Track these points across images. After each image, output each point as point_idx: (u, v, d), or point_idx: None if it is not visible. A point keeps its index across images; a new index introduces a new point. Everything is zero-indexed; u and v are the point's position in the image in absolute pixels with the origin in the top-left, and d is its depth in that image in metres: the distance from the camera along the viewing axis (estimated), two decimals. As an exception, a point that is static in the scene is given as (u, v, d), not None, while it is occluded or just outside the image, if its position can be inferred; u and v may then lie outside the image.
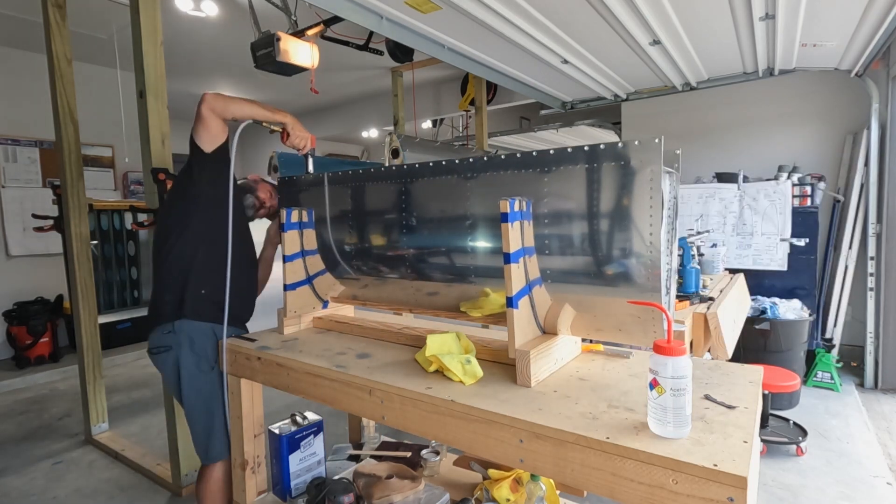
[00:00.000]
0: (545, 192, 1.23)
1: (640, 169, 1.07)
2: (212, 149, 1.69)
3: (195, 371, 1.71)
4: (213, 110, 1.64)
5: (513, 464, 1.04)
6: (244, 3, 3.60)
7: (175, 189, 1.85)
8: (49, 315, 4.64)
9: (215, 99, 1.64)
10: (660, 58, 3.62)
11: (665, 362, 0.91)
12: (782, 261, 4.00)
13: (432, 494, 1.76)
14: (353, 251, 1.72)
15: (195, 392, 1.72)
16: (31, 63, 4.76)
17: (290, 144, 1.86)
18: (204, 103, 1.62)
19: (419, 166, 1.48)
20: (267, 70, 3.05)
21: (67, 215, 2.94)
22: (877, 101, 3.72)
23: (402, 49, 4.39)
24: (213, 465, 1.77)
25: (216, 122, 1.66)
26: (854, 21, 2.95)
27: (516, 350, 1.19)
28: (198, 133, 1.67)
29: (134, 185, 5.75)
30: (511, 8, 2.75)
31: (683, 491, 0.83)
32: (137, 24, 2.28)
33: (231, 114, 1.68)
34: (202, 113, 1.63)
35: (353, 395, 1.32)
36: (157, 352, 1.72)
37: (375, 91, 6.51)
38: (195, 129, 1.67)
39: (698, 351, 2.02)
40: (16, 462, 2.85)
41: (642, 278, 1.11)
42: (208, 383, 1.74)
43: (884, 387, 3.68)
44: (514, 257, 1.18)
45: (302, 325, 1.86)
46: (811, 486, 2.42)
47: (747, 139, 4.58)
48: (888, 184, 3.69)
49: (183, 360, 1.70)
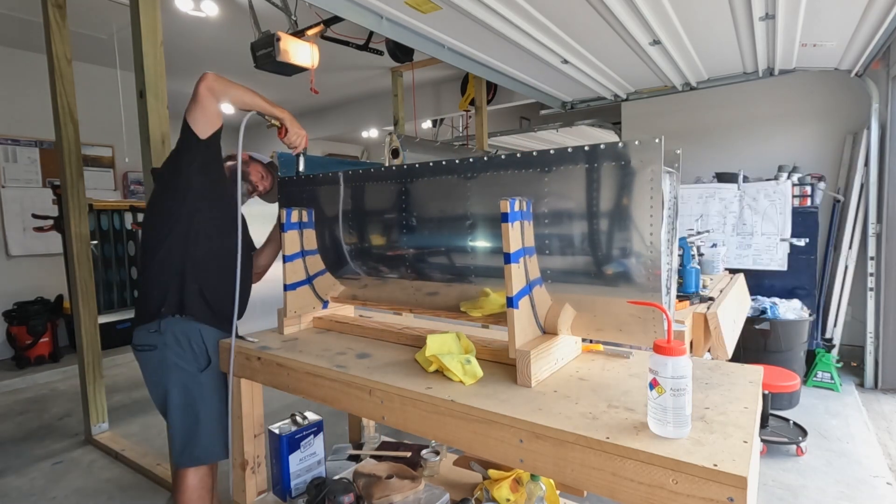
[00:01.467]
0: (545, 192, 1.23)
1: (640, 169, 1.07)
2: (206, 135, 1.60)
3: (180, 371, 1.64)
4: (211, 91, 1.55)
5: (513, 464, 1.04)
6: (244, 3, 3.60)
7: (162, 181, 1.71)
8: (49, 315, 4.64)
9: (216, 80, 1.55)
10: (660, 58, 3.62)
11: (665, 362, 0.91)
12: (782, 261, 4.00)
13: (432, 494, 1.76)
14: (353, 251, 1.72)
15: (180, 392, 1.65)
16: (31, 63, 4.76)
17: (287, 141, 1.79)
18: (203, 82, 1.53)
19: (420, 166, 1.47)
20: (267, 70, 3.05)
21: (67, 215, 2.94)
22: (877, 101, 3.72)
23: (402, 49, 4.39)
24: (187, 470, 1.67)
25: (214, 104, 1.57)
26: (854, 21, 2.95)
27: (517, 350, 1.19)
28: (192, 114, 1.57)
29: (134, 185, 5.75)
30: (511, 8, 2.75)
31: (683, 491, 0.83)
32: (137, 24, 2.28)
33: (230, 98, 1.60)
34: (200, 92, 1.53)
35: (353, 395, 1.32)
36: (141, 349, 1.66)
37: (375, 91, 6.51)
38: (190, 109, 1.57)
39: (698, 351, 2.02)
40: (16, 462, 2.85)
41: (643, 278, 1.11)
42: (195, 384, 1.66)
43: (884, 387, 3.68)
44: (514, 257, 1.18)
45: (302, 325, 1.85)
46: (811, 486, 2.42)
47: (747, 139, 4.58)
48: (888, 184, 3.69)
49: (168, 360, 1.63)
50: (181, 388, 1.65)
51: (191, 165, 1.63)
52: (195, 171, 1.63)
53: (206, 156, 1.64)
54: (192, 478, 1.68)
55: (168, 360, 1.64)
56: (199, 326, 1.68)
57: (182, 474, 1.68)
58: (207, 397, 1.69)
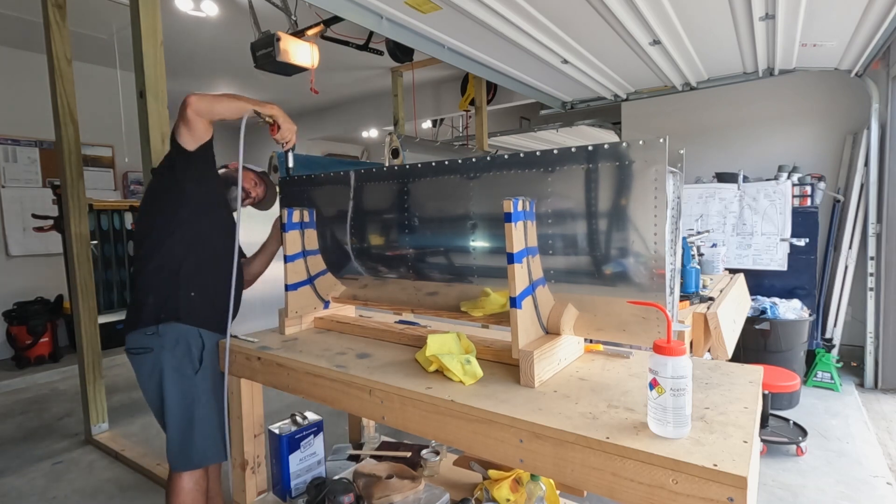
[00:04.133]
0: (548, 192, 1.23)
1: (644, 169, 1.07)
2: (195, 147, 1.63)
3: (177, 374, 1.64)
4: (198, 113, 1.57)
5: (513, 464, 1.04)
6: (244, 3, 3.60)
7: (156, 187, 1.72)
8: (49, 315, 4.63)
9: (200, 100, 1.57)
10: (660, 58, 3.62)
11: (665, 362, 0.91)
12: (782, 261, 3.99)
13: (432, 494, 1.76)
14: (354, 251, 1.72)
15: (176, 395, 1.64)
16: (31, 63, 4.77)
17: (280, 137, 1.77)
18: (188, 107, 1.55)
19: (423, 166, 1.47)
20: (267, 70, 3.05)
21: (67, 215, 2.94)
22: (877, 101, 3.72)
23: (402, 49, 4.38)
24: (181, 475, 1.66)
25: (202, 124, 1.60)
26: (854, 21, 2.95)
27: (520, 350, 1.19)
28: (181, 135, 1.60)
29: (134, 185, 5.75)
30: (511, 8, 2.75)
31: (683, 491, 0.83)
32: (137, 24, 2.28)
33: (218, 114, 1.61)
34: (188, 116, 1.56)
35: (353, 395, 1.32)
36: (136, 352, 1.65)
37: (375, 91, 6.51)
38: (178, 130, 1.60)
39: (698, 351, 2.02)
40: (16, 462, 2.85)
41: (646, 278, 1.11)
42: (191, 387, 1.66)
43: (884, 387, 3.68)
44: (517, 257, 1.18)
45: (303, 325, 1.85)
46: (811, 486, 2.42)
47: (747, 139, 4.58)
48: (888, 184, 3.69)
49: (165, 362, 1.63)
50: (176, 392, 1.65)
51: (185, 173, 1.65)
52: (189, 178, 1.66)
53: (197, 165, 1.66)
54: (186, 480, 1.67)
55: (163, 363, 1.63)
56: (199, 331, 1.69)
57: (176, 476, 1.67)
58: (202, 400, 1.68)
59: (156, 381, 1.65)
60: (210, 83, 5.98)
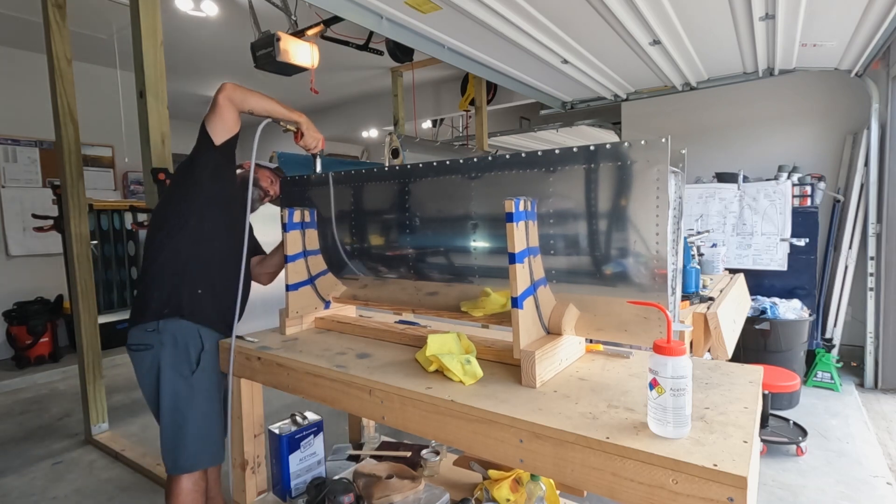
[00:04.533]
0: (550, 192, 1.22)
1: (646, 169, 1.07)
2: (222, 140, 1.64)
3: (173, 373, 1.63)
4: (231, 100, 1.61)
5: (513, 464, 1.04)
6: (244, 3, 3.60)
7: (176, 182, 1.76)
8: (49, 315, 4.64)
9: (234, 89, 1.61)
10: (660, 58, 3.62)
11: (665, 362, 0.91)
12: (782, 261, 4.00)
13: (432, 494, 1.76)
14: (355, 251, 1.72)
15: (170, 395, 1.63)
16: (31, 63, 4.76)
17: (303, 144, 1.82)
18: (222, 92, 1.59)
19: (423, 166, 1.47)
20: (267, 70, 3.05)
21: (67, 215, 2.94)
22: (877, 101, 3.72)
23: (402, 49, 4.39)
24: (179, 476, 1.64)
25: (232, 112, 1.63)
26: (854, 21, 2.95)
27: (521, 350, 1.19)
28: (211, 122, 1.62)
29: (134, 185, 5.75)
30: (511, 8, 2.75)
31: (683, 491, 0.83)
32: (137, 24, 2.29)
33: (249, 106, 1.65)
34: (219, 102, 1.59)
35: (353, 395, 1.32)
36: (136, 349, 1.64)
37: (375, 91, 6.51)
38: (209, 118, 1.62)
39: (698, 351, 2.03)
40: (16, 462, 2.85)
41: (648, 279, 1.11)
42: (186, 389, 1.64)
43: (884, 387, 3.68)
44: (519, 257, 1.18)
45: (304, 325, 1.85)
46: (811, 486, 2.43)
47: (747, 139, 4.58)
48: (888, 184, 3.69)
49: (163, 361, 1.62)
50: (171, 392, 1.63)
51: (204, 170, 1.66)
52: (208, 175, 1.67)
53: (219, 161, 1.67)
54: (185, 481, 1.66)
55: (161, 361, 1.62)
56: (199, 328, 1.67)
57: (175, 477, 1.66)
58: (197, 402, 1.66)
59: (153, 379, 1.64)
60: (210, 83, 5.98)
